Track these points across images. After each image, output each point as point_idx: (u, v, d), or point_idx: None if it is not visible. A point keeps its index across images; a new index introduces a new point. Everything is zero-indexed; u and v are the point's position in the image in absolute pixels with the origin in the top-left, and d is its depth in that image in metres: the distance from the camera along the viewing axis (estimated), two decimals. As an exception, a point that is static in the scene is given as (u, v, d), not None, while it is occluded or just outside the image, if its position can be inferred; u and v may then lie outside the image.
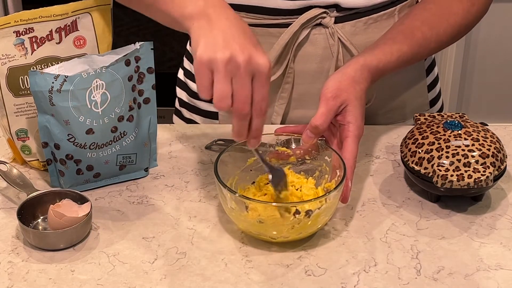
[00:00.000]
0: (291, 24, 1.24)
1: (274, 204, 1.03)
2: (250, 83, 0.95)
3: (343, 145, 1.08)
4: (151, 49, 1.12)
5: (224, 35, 0.96)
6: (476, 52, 2.60)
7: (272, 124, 1.31)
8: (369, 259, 1.01)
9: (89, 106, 1.08)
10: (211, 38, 0.96)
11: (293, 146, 1.14)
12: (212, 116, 1.36)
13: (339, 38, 1.25)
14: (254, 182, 1.11)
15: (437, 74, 1.43)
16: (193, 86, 1.38)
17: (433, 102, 1.41)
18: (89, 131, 1.09)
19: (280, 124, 1.31)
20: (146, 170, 1.18)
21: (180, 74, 1.43)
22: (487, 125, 1.23)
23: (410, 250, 1.03)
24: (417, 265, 1.00)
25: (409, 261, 1.01)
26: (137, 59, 1.11)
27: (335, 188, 1.01)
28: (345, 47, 1.26)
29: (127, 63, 1.10)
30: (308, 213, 1.01)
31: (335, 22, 1.25)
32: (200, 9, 0.99)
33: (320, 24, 1.25)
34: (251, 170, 1.12)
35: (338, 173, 1.06)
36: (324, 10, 1.23)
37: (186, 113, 1.41)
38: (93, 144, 1.10)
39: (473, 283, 0.98)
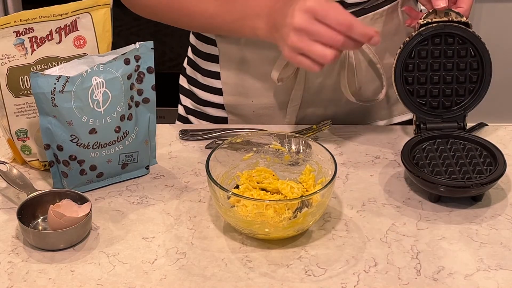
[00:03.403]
0: None
1: (267, 201, 1.03)
2: (322, 25, 1.07)
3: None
4: (151, 48, 1.12)
5: (283, 27, 1.11)
6: (476, 52, 2.60)
7: (285, 124, 1.32)
8: (369, 259, 1.01)
9: (92, 106, 1.08)
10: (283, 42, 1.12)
11: (293, 146, 1.14)
12: (221, 121, 1.36)
13: None
14: (238, 186, 1.11)
15: None
16: (199, 93, 1.38)
17: None
18: (92, 131, 1.09)
19: (294, 124, 1.32)
20: (147, 168, 1.19)
21: (183, 81, 1.43)
22: (487, 125, 1.23)
23: (410, 250, 1.03)
24: (417, 265, 1.00)
25: (409, 261, 1.01)
26: (137, 58, 1.11)
27: (324, 187, 1.02)
28: None
29: (127, 61, 1.10)
30: (295, 212, 1.03)
31: None
32: (266, 29, 1.15)
33: None
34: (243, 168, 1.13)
35: (330, 172, 1.06)
36: None
37: (194, 120, 1.41)
38: (96, 143, 1.10)
39: (473, 283, 0.98)
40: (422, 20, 1.18)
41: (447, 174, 1.12)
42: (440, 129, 1.21)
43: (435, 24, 1.18)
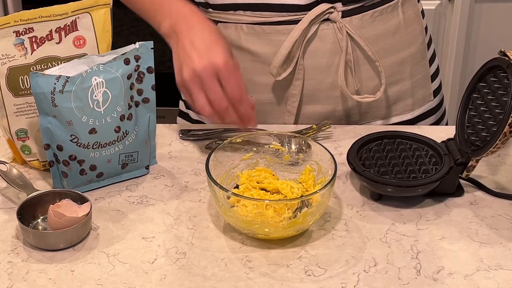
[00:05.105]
0: (299, 21, 1.24)
1: (267, 201, 1.04)
2: (217, 84, 1.10)
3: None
4: (151, 48, 1.12)
5: (184, 52, 1.12)
6: (476, 52, 2.60)
7: (285, 124, 1.32)
8: (369, 259, 1.01)
9: (92, 106, 1.08)
10: (177, 61, 1.13)
11: (293, 146, 1.14)
12: None
13: (347, 32, 1.25)
14: (238, 186, 1.11)
15: (438, 66, 1.43)
16: None
17: (435, 93, 1.42)
18: (92, 131, 1.09)
19: (294, 121, 1.32)
20: (147, 168, 1.19)
21: None
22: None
23: (410, 250, 1.03)
24: (417, 265, 1.00)
25: (409, 261, 1.01)
26: (137, 58, 1.12)
27: (324, 187, 1.02)
28: (354, 41, 1.26)
29: (126, 61, 1.10)
30: (295, 212, 1.03)
31: (342, 17, 1.25)
32: (168, 29, 1.16)
33: (327, 19, 1.26)
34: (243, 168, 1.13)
35: (330, 172, 1.06)
36: (331, 5, 1.24)
37: (193, 115, 1.41)
38: (96, 143, 1.11)
39: (473, 283, 0.98)
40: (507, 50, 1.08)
41: (393, 173, 1.12)
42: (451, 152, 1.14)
43: (505, 58, 1.08)
